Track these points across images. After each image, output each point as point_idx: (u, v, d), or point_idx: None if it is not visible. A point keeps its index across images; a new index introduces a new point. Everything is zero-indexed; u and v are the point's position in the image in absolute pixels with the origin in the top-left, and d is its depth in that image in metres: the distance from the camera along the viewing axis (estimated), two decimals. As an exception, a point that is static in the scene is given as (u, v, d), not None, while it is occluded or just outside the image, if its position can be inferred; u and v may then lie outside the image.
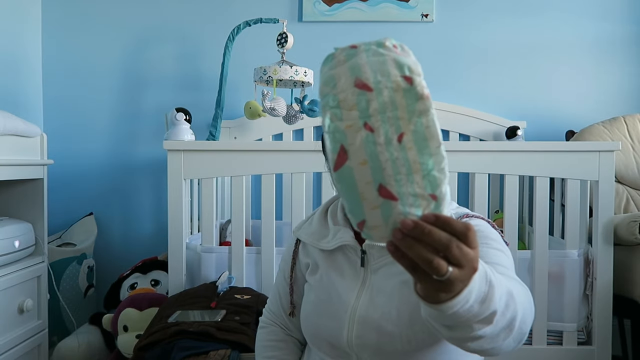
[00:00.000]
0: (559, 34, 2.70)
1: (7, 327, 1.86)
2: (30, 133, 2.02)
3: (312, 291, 1.12)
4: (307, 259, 1.17)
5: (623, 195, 2.33)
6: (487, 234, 1.03)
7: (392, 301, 1.00)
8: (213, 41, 2.71)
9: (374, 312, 1.01)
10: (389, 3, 2.70)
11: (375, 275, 1.05)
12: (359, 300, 1.03)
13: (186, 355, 1.39)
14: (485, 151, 1.92)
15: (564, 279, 1.92)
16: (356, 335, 1.01)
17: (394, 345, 0.99)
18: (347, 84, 0.63)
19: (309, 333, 1.11)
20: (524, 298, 0.80)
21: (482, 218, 1.07)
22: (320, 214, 1.17)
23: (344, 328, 1.03)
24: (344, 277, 1.07)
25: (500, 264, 0.93)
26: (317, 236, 1.13)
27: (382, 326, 1.00)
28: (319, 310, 1.08)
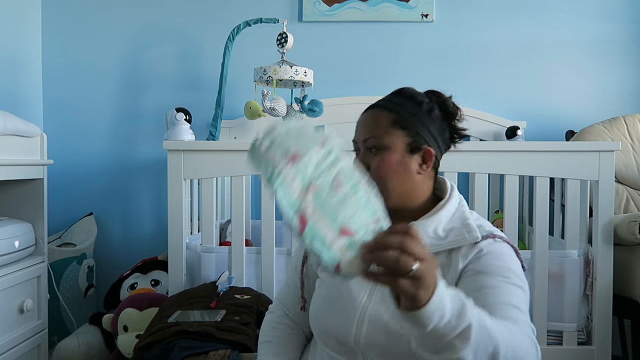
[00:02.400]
0: (559, 34, 2.70)
1: (7, 327, 1.86)
2: (30, 133, 2.01)
3: (324, 287, 1.13)
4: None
5: (623, 195, 2.33)
6: (510, 265, 1.03)
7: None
8: (213, 41, 2.71)
9: (385, 312, 1.02)
10: (389, 3, 2.70)
11: None
12: (371, 300, 1.04)
13: (186, 355, 1.39)
14: (485, 151, 1.92)
15: (564, 279, 1.92)
16: (365, 334, 1.02)
17: (401, 347, 0.99)
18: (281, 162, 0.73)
19: (317, 328, 1.12)
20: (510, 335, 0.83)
21: (507, 241, 1.07)
22: None
23: (353, 326, 1.04)
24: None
25: (513, 305, 0.95)
26: None
27: (390, 327, 1.00)
28: (329, 306, 1.09)
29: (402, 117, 1.08)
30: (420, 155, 1.09)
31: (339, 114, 2.63)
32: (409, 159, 1.08)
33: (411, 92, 1.12)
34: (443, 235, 1.06)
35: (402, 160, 1.08)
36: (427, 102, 1.10)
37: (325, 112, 2.42)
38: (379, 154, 1.08)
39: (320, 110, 2.38)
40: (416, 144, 1.09)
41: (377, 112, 1.10)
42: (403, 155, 1.08)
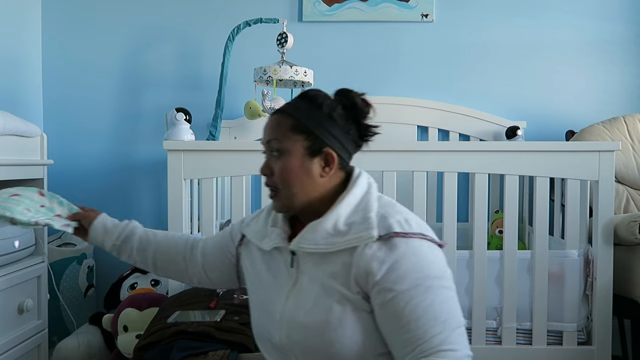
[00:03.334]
0: (559, 34, 2.70)
1: (7, 327, 1.86)
2: (30, 133, 2.01)
3: (254, 291, 1.16)
4: (247, 254, 1.19)
5: (623, 195, 2.33)
6: (426, 268, 0.98)
7: (318, 305, 1.02)
8: (213, 41, 2.71)
9: (299, 313, 1.03)
10: (389, 3, 2.70)
11: (304, 277, 1.06)
12: (288, 302, 1.06)
13: (185, 356, 1.39)
14: (485, 151, 1.92)
15: (564, 279, 1.92)
16: (286, 336, 1.05)
17: (319, 345, 1.02)
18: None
19: (256, 334, 1.16)
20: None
21: (420, 236, 1.00)
22: (266, 213, 1.18)
23: (277, 328, 1.06)
24: (276, 278, 1.10)
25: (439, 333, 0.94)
26: (260, 235, 1.14)
27: (307, 327, 1.02)
28: (259, 310, 1.13)
29: (300, 121, 1.06)
30: (322, 158, 1.07)
31: (339, 114, 2.63)
32: (309, 163, 1.06)
33: (313, 95, 1.10)
34: (344, 230, 1.02)
35: (303, 165, 1.06)
36: (327, 104, 1.08)
37: (325, 112, 2.41)
38: (281, 158, 1.07)
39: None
40: (316, 147, 1.06)
41: (278, 117, 1.09)
42: (303, 160, 1.06)
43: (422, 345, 0.94)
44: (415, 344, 0.94)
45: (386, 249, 0.98)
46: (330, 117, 1.07)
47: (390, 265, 0.97)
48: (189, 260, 1.30)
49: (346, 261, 1.01)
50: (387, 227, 0.99)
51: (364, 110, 1.10)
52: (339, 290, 1.00)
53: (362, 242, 0.99)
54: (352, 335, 1.00)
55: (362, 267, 0.98)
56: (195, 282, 1.32)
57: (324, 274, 1.03)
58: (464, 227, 2.45)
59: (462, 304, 1.93)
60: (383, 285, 0.97)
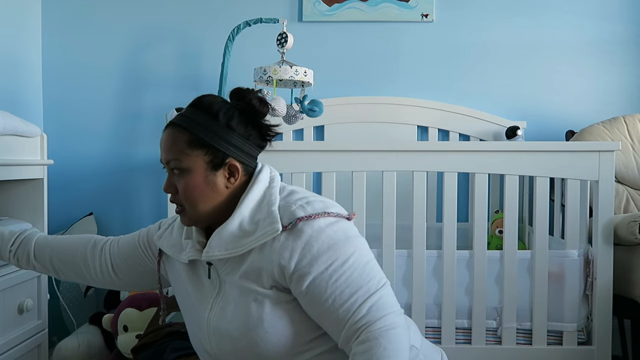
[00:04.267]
0: (559, 34, 2.70)
1: (7, 327, 1.86)
2: (30, 133, 2.01)
3: (182, 305, 1.14)
4: (170, 267, 1.17)
5: (623, 195, 2.33)
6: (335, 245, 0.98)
7: (237, 308, 1.02)
8: (213, 41, 2.71)
9: (223, 321, 1.03)
10: (389, 3, 2.70)
11: (225, 286, 1.05)
12: (212, 312, 1.05)
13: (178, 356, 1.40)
14: (485, 151, 1.92)
15: (564, 279, 1.92)
16: (216, 345, 1.05)
17: (247, 348, 1.01)
18: None
19: (194, 345, 1.15)
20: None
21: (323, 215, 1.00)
22: (179, 225, 1.14)
23: (206, 339, 1.06)
24: (199, 289, 1.08)
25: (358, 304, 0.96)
26: (177, 248, 1.11)
27: (231, 333, 1.02)
28: (189, 322, 1.13)
29: (197, 136, 1.02)
30: (225, 169, 1.05)
31: (339, 114, 2.63)
32: (213, 177, 1.04)
33: (207, 103, 1.05)
34: (251, 229, 1.01)
35: (206, 180, 1.03)
36: (224, 113, 1.04)
37: (325, 112, 2.41)
38: (182, 176, 1.03)
39: (320, 110, 2.38)
40: (217, 161, 1.04)
41: (174, 132, 1.04)
42: (206, 175, 1.03)
43: (352, 318, 0.95)
44: (346, 319, 0.96)
45: (293, 237, 0.98)
46: (229, 126, 1.04)
47: (301, 251, 0.97)
48: (90, 258, 1.25)
49: (257, 258, 1.00)
50: (290, 215, 0.99)
51: (261, 111, 1.07)
52: (253, 289, 1.00)
53: (270, 237, 0.98)
54: (274, 331, 0.99)
55: (274, 261, 0.98)
56: (100, 283, 1.27)
57: (238, 276, 1.02)
58: (464, 227, 2.45)
59: (462, 304, 1.94)
60: (300, 272, 0.97)
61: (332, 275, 0.96)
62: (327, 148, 1.97)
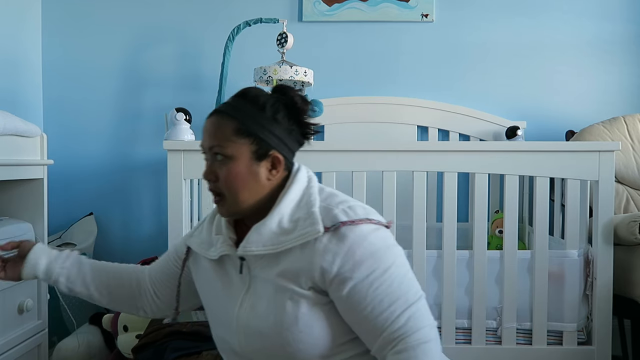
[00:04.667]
0: (559, 34, 2.70)
1: (7, 327, 1.86)
2: (30, 133, 2.01)
3: (208, 304, 1.14)
4: (195, 267, 1.17)
5: (623, 195, 2.33)
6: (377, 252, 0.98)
7: (271, 305, 1.01)
8: (213, 41, 2.71)
9: (254, 318, 1.02)
10: (389, 3, 2.70)
11: (256, 282, 1.04)
12: (241, 309, 1.04)
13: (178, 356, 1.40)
14: (485, 151, 1.92)
15: (564, 279, 1.92)
16: (245, 342, 1.04)
17: (278, 347, 1.01)
18: None
19: (218, 346, 1.14)
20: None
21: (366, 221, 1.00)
22: (208, 222, 1.15)
23: (234, 336, 1.05)
24: (228, 285, 1.08)
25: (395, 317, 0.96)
26: (205, 245, 1.11)
27: (263, 331, 1.01)
28: (215, 320, 1.12)
29: (244, 125, 1.03)
30: (269, 161, 1.05)
31: (339, 114, 2.63)
32: (256, 167, 1.04)
33: (254, 95, 1.07)
34: (290, 227, 1.01)
35: (250, 170, 1.03)
36: (271, 105, 1.05)
37: (325, 112, 2.41)
38: (225, 163, 1.03)
39: (320, 110, 2.38)
40: (262, 151, 1.04)
41: (220, 119, 1.05)
42: (250, 164, 1.03)
43: (389, 327, 0.96)
44: (383, 327, 0.96)
45: (336, 241, 0.98)
46: (275, 119, 1.05)
47: (344, 256, 0.97)
48: (141, 286, 1.25)
49: (297, 258, 1.00)
50: (333, 218, 0.99)
51: (303, 108, 1.08)
52: (290, 288, 1.00)
53: (311, 237, 0.98)
54: (309, 331, 0.99)
55: (315, 263, 0.98)
56: (149, 312, 1.26)
57: (275, 274, 1.01)
58: (464, 227, 2.45)
59: (462, 304, 1.94)
60: (342, 276, 0.97)
61: (372, 283, 0.97)
62: (327, 148, 1.97)
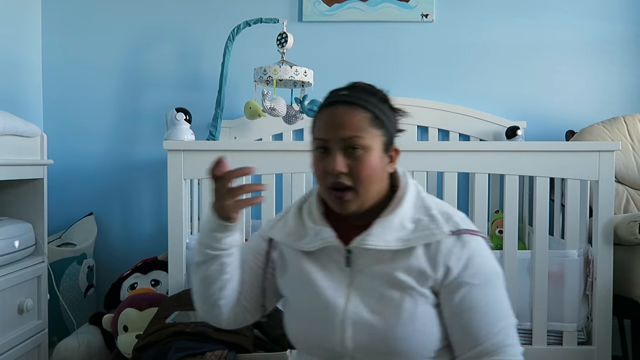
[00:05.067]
0: (559, 34, 2.70)
1: (7, 327, 1.86)
2: (30, 133, 2.02)
3: (293, 295, 1.09)
4: (281, 260, 1.12)
5: (623, 195, 2.33)
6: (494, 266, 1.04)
7: (384, 301, 1.00)
8: (213, 41, 2.71)
9: (366, 312, 1.01)
10: (389, 3, 2.70)
11: (361, 276, 1.03)
12: (349, 303, 1.02)
13: (182, 356, 1.40)
14: (485, 151, 1.92)
15: (564, 279, 1.92)
16: (351, 338, 1.01)
17: (387, 343, 1.00)
18: None
19: (298, 338, 1.09)
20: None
21: (479, 233, 1.05)
22: (295, 213, 1.12)
23: (336, 332, 1.02)
24: (327, 278, 1.05)
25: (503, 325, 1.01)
26: (294, 237, 1.08)
27: (375, 326, 1.00)
28: (307, 316, 1.06)
29: (377, 116, 1.03)
30: (390, 153, 1.07)
31: (339, 114, 2.63)
32: (384, 159, 1.05)
33: (370, 87, 1.08)
34: (412, 227, 1.03)
35: (381, 162, 1.04)
36: (386, 98, 1.07)
37: (325, 112, 2.41)
38: (360, 154, 1.02)
39: (319, 111, 2.38)
40: (389, 143, 1.06)
41: (353, 110, 1.03)
42: (381, 156, 1.04)
43: (489, 341, 0.99)
44: (485, 338, 0.99)
45: (460, 245, 1.01)
46: (393, 112, 1.08)
47: (466, 261, 1.00)
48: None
49: (420, 257, 1.01)
50: (455, 224, 1.02)
51: (398, 109, 1.11)
52: (411, 286, 1.00)
53: (436, 238, 1.01)
54: (423, 330, 1.00)
55: (440, 262, 1.00)
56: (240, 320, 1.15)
57: (391, 271, 1.01)
58: (464, 227, 2.45)
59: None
60: (460, 280, 1.00)
61: (486, 293, 1.01)
62: (327, 148, 1.96)
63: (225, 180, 1.04)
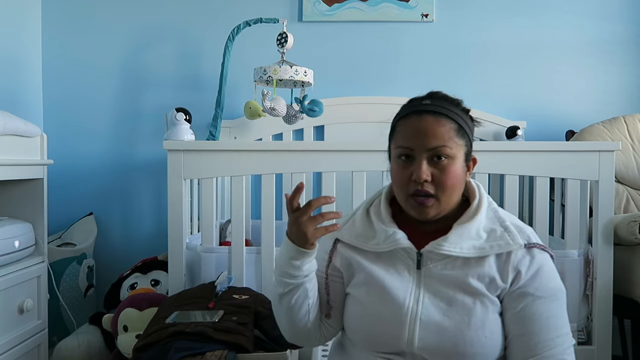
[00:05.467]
0: (559, 34, 2.70)
1: (7, 327, 1.86)
2: (30, 133, 2.02)
3: (361, 294, 1.11)
4: (346, 260, 1.15)
5: (623, 195, 2.33)
6: (560, 283, 1.09)
7: (456, 305, 1.04)
8: (213, 41, 2.71)
9: (436, 314, 1.04)
10: (389, 3, 2.70)
11: (430, 279, 1.07)
12: (419, 303, 1.05)
13: (183, 356, 1.39)
14: (485, 151, 1.92)
15: (564, 279, 1.90)
16: (419, 338, 1.03)
17: (456, 344, 1.03)
18: None
19: (360, 336, 1.11)
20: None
21: (547, 250, 1.10)
22: (362, 214, 1.16)
23: (404, 331, 1.04)
24: (396, 279, 1.08)
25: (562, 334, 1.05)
26: (363, 238, 1.12)
27: (444, 326, 1.03)
28: (372, 313, 1.08)
29: (461, 127, 1.09)
30: (469, 163, 1.13)
31: (339, 114, 2.63)
32: (465, 168, 1.11)
33: (450, 98, 1.14)
34: (485, 237, 1.07)
35: (463, 171, 1.09)
36: (468, 109, 1.13)
37: (325, 112, 2.42)
38: (445, 164, 1.06)
39: (320, 110, 2.38)
40: (469, 153, 1.11)
41: (440, 120, 1.08)
42: (463, 165, 1.09)
43: (545, 352, 1.02)
44: (540, 350, 1.02)
45: (530, 258, 1.06)
46: (473, 122, 1.13)
47: (533, 273, 1.05)
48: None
49: (492, 265, 1.06)
50: (527, 238, 1.07)
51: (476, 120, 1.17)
52: (482, 292, 1.05)
53: (510, 249, 1.05)
54: (491, 337, 1.04)
55: (510, 272, 1.05)
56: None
57: (463, 276, 1.05)
58: (464, 227, 2.45)
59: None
60: (525, 289, 1.05)
61: (548, 306, 1.05)
62: (327, 148, 1.97)
63: (308, 208, 1.06)
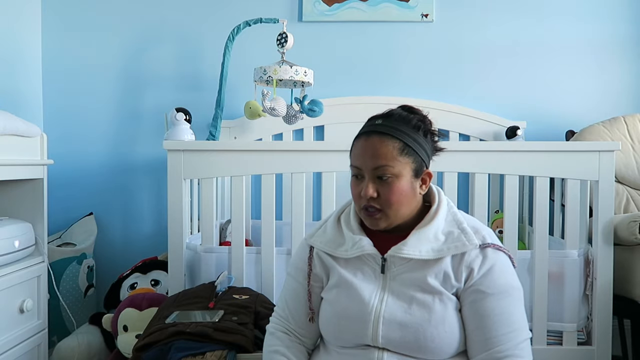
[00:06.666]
0: (559, 34, 2.70)
1: (7, 327, 1.86)
2: (30, 133, 2.01)
3: (332, 296, 1.20)
4: (321, 266, 1.24)
5: (623, 195, 2.33)
6: (513, 281, 1.15)
7: (414, 303, 1.12)
8: (213, 41, 2.71)
9: (398, 312, 1.13)
10: (389, 3, 2.70)
11: (394, 282, 1.15)
12: (383, 303, 1.14)
13: (183, 356, 1.39)
14: (485, 151, 1.92)
15: (564, 279, 1.92)
16: (382, 334, 1.12)
17: (416, 337, 1.10)
18: None
19: (332, 335, 1.20)
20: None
21: (503, 250, 1.17)
22: (333, 222, 1.25)
23: (369, 328, 1.14)
24: (363, 282, 1.17)
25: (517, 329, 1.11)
26: (333, 244, 1.21)
27: (406, 324, 1.11)
28: (341, 313, 1.17)
29: (407, 145, 1.13)
30: (422, 177, 1.18)
31: (339, 114, 2.64)
32: (415, 184, 1.16)
33: (404, 115, 1.17)
34: (443, 239, 1.15)
35: (411, 186, 1.15)
36: (419, 125, 1.16)
37: (325, 112, 2.42)
38: (389, 181, 1.13)
39: (320, 110, 2.38)
40: (419, 169, 1.16)
41: (384, 140, 1.13)
42: (411, 181, 1.15)
43: (497, 347, 1.10)
44: (492, 344, 1.10)
45: (482, 257, 1.14)
46: (425, 137, 1.17)
47: (485, 271, 1.13)
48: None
49: (448, 265, 1.14)
50: (482, 238, 1.15)
51: (435, 130, 1.21)
52: (439, 290, 1.13)
53: (465, 250, 1.13)
54: (451, 332, 1.12)
55: (464, 271, 1.13)
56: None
57: (422, 277, 1.13)
58: (464, 227, 2.44)
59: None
60: (477, 287, 1.13)
61: (499, 303, 1.11)
62: (327, 148, 1.97)
63: None
